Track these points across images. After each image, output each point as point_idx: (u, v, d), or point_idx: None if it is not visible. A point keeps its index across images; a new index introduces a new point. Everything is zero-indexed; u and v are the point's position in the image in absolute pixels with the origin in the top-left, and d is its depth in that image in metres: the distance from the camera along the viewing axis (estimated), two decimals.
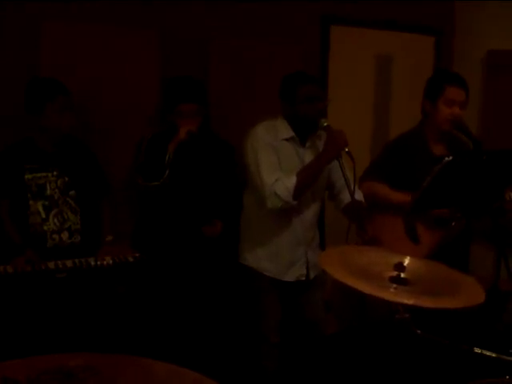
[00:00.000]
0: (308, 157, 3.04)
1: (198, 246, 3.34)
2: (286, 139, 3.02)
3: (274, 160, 2.94)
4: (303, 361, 3.42)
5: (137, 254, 3.03)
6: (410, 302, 1.73)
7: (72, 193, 3.10)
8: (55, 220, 3.05)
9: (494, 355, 1.90)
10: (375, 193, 3.22)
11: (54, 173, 3.06)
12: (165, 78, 3.57)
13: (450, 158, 2.57)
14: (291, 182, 2.85)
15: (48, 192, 3.04)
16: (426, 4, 4.72)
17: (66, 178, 3.09)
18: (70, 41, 3.38)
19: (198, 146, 3.30)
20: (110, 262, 2.93)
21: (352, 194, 2.77)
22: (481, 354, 1.92)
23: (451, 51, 4.97)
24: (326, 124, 2.91)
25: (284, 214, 3.04)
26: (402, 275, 1.90)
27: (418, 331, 1.95)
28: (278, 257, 3.12)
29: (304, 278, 3.18)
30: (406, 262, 1.96)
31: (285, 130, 3.03)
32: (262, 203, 2.94)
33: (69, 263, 2.87)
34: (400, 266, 1.91)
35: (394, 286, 1.87)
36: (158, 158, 3.16)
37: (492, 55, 4.61)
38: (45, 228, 3.03)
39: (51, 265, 2.85)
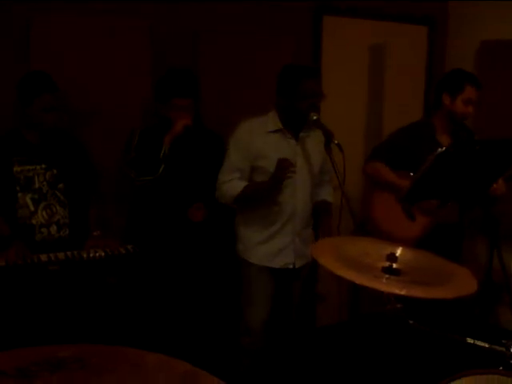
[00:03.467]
0: (299, 149, 3.06)
1: (191, 238, 3.33)
2: (273, 131, 3.04)
3: (237, 162, 3.06)
4: (295, 353, 3.42)
5: (129, 246, 3.01)
6: (401, 292, 1.72)
7: (60, 186, 3.07)
8: (44, 213, 3.02)
9: (486, 346, 1.90)
10: (378, 173, 3.48)
11: (43, 165, 3.03)
12: (155, 70, 3.54)
13: (443, 148, 2.57)
14: (237, 189, 3.04)
15: (36, 185, 3.01)
16: None
17: (55, 171, 3.06)
18: (60, 33, 3.33)
19: (192, 139, 3.29)
20: (103, 254, 2.90)
21: (342, 186, 2.77)
22: (474, 344, 1.92)
23: (444, 41, 4.96)
24: (315, 118, 2.92)
25: (274, 203, 3.07)
26: (394, 266, 1.89)
27: (411, 321, 1.95)
28: (267, 244, 3.13)
29: (292, 267, 3.18)
30: (398, 252, 1.95)
31: (272, 123, 3.05)
32: None
33: (61, 256, 2.85)
34: (392, 257, 1.90)
35: (387, 276, 1.86)
36: (152, 152, 3.15)
37: (485, 45, 4.60)
38: (33, 221, 3.00)
39: (43, 257, 2.83)
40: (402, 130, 3.57)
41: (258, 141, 3.02)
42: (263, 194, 3.03)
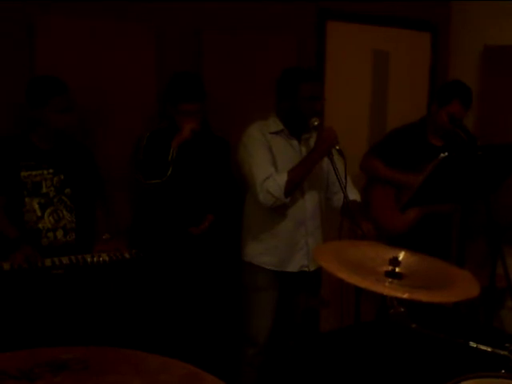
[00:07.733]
0: (304, 151, 3.04)
1: (195, 243, 3.33)
2: (275, 133, 3.03)
3: (267, 157, 2.95)
4: (301, 358, 3.41)
5: (133, 251, 3.02)
6: (404, 295, 1.73)
7: (67, 191, 3.08)
8: (50, 218, 3.04)
9: (489, 349, 1.90)
10: (376, 168, 3.67)
11: (50, 170, 3.04)
12: (160, 71, 3.56)
13: (446, 154, 2.57)
14: (282, 179, 2.86)
15: (44, 190, 3.02)
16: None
17: (62, 176, 3.07)
18: (64, 35, 3.34)
19: (198, 143, 3.29)
20: (107, 258, 2.91)
21: (344, 191, 2.76)
22: (476, 348, 1.92)
23: (448, 46, 4.96)
24: (316, 123, 2.93)
25: (284, 205, 2.99)
26: (397, 269, 1.90)
27: (414, 325, 1.95)
28: (279, 247, 3.07)
29: (307, 269, 3.12)
30: (401, 256, 1.96)
31: (273, 125, 3.05)
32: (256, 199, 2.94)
33: (65, 260, 2.85)
34: (395, 261, 1.91)
35: (389, 280, 1.87)
36: (160, 156, 3.15)
37: (489, 50, 4.60)
38: (40, 226, 3.01)
39: (48, 262, 2.83)
40: (396, 130, 3.76)
41: (268, 141, 3.00)
42: (313, 166, 2.93)
